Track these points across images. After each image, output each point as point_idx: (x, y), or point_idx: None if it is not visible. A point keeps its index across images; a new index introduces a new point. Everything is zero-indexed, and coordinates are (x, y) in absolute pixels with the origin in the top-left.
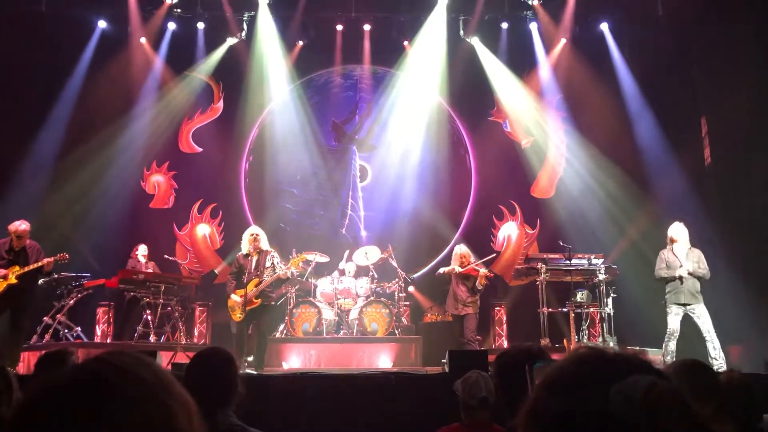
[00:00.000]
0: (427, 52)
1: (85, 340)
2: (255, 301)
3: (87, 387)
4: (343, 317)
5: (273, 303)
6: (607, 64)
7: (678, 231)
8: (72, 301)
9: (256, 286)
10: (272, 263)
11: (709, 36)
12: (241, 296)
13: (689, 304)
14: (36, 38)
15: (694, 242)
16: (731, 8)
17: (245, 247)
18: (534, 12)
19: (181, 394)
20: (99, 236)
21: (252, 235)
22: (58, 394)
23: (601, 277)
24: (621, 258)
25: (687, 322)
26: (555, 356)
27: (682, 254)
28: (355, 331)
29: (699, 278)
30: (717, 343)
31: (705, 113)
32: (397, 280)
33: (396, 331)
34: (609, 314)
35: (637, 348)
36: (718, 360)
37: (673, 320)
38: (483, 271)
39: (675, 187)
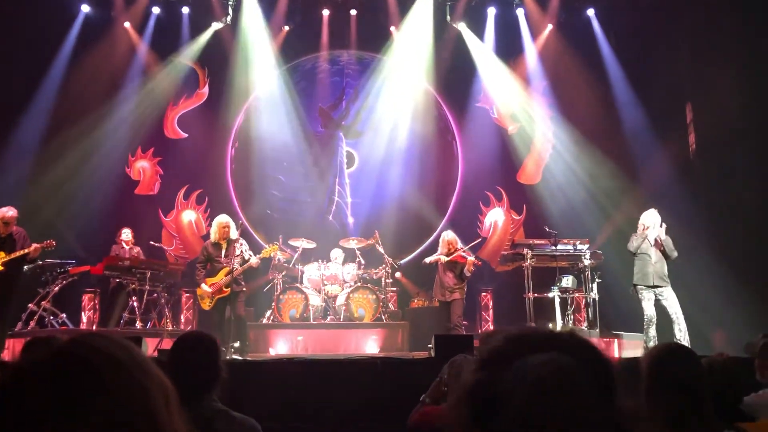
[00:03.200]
0: (414, 37)
1: (71, 326)
2: (225, 290)
3: (64, 369)
4: (330, 303)
5: (243, 290)
6: (594, 50)
7: (650, 218)
8: (57, 288)
9: (227, 275)
10: (241, 251)
11: (695, 22)
12: (211, 285)
13: (658, 287)
14: (18, 23)
15: (678, 228)
16: None
17: (214, 235)
18: None
19: (158, 375)
20: (84, 222)
21: (222, 224)
22: (34, 377)
23: (587, 262)
24: (606, 243)
25: (659, 307)
26: None
27: (652, 238)
28: (342, 316)
29: (666, 258)
30: (683, 326)
31: (690, 100)
32: (383, 266)
33: (383, 317)
34: (594, 299)
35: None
36: (683, 342)
37: (648, 306)
38: (471, 258)
39: (660, 173)
